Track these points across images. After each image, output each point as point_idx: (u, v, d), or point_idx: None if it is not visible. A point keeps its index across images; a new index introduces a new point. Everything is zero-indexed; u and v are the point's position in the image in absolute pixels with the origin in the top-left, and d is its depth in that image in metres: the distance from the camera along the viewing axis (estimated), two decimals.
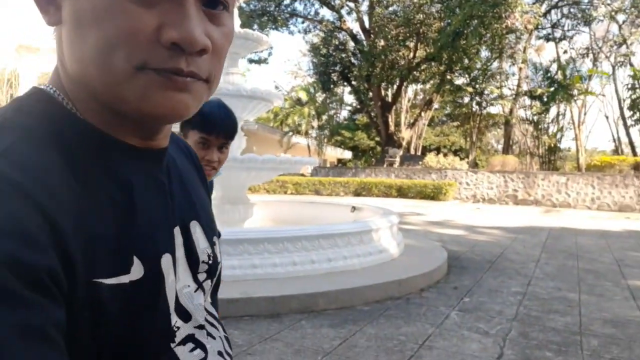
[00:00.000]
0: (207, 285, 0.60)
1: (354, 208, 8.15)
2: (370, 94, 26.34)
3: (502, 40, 20.20)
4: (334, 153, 36.22)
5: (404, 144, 26.72)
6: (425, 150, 31.53)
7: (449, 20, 19.99)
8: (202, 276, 0.58)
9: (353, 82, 26.83)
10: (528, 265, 6.45)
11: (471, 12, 18.42)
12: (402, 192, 18.27)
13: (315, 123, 27.09)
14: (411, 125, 28.29)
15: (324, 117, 28.03)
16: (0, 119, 0.43)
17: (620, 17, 22.72)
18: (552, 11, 24.42)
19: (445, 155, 24.83)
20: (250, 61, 27.05)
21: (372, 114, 27.76)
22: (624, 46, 23.21)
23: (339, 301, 4.31)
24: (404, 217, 12.16)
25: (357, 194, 18.80)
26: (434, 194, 17.77)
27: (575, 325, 3.97)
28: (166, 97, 0.43)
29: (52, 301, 0.35)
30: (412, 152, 29.01)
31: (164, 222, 0.52)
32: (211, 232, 0.62)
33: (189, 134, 1.55)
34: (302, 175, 21.37)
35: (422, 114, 28.02)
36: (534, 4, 21.56)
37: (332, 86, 27.19)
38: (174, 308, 0.51)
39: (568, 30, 24.88)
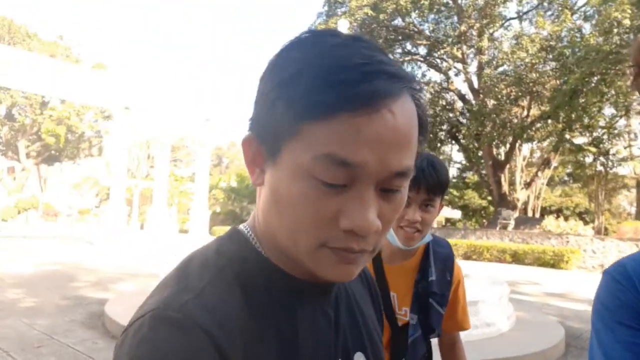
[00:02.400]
0: None
1: None
2: (480, 152, 25.60)
3: (627, 98, 18.70)
4: (441, 212, 35.30)
5: (519, 204, 25.23)
6: (545, 212, 29.37)
7: (566, 79, 19.08)
8: None
9: (462, 141, 26.37)
10: None
11: (590, 70, 17.45)
12: (517, 258, 17.09)
13: None
14: (527, 185, 26.72)
15: None
16: (204, 258, 0.56)
17: None
18: None
19: (566, 218, 22.88)
20: None
21: (483, 172, 26.82)
22: None
23: None
24: (518, 285, 11.34)
25: (466, 257, 17.97)
26: (554, 262, 16.36)
27: None
28: (337, 269, 0.51)
29: None
30: (530, 213, 27.17)
31: (327, 354, 0.57)
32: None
33: None
34: None
35: (540, 173, 26.41)
36: None
37: (439, 144, 26.96)
38: None
39: None
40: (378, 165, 0.47)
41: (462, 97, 25.91)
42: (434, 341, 1.49)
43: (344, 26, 7.21)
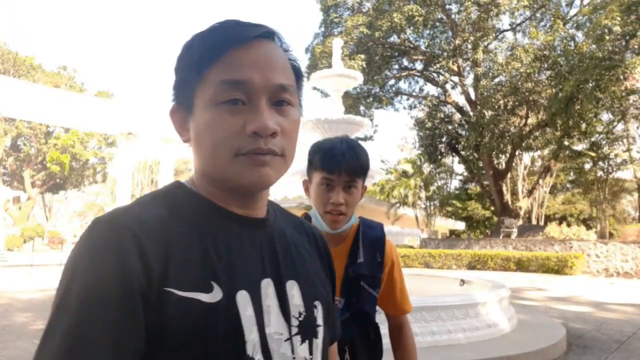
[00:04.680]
0: (297, 340, 0.69)
1: (463, 281, 7.91)
2: (481, 163, 25.74)
3: (622, 102, 18.89)
4: (444, 224, 35.16)
5: (521, 213, 25.25)
6: (549, 219, 29.34)
7: (561, 86, 19.32)
8: (294, 330, 0.69)
9: (462, 152, 26.53)
10: None
11: (584, 77, 17.69)
12: (521, 265, 17.09)
13: (422, 194, 26.90)
14: (529, 194, 26.77)
15: (432, 188, 27.74)
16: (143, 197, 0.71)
17: None
18: None
19: (569, 225, 22.86)
20: (357, 139, 28.24)
21: (485, 183, 26.92)
22: None
23: None
24: (523, 292, 11.38)
25: (471, 267, 17.97)
26: (558, 268, 16.35)
27: None
28: (254, 172, 0.66)
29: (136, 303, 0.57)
30: (534, 221, 27.14)
31: (250, 269, 0.68)
32: (311, 295, 0.74)
33: (313, 177, 1.39)
34: (411, 247, 21.05)
35: (541, 181, 26.48)
36: None
37: (439, 157, 27.13)
38: (261, 348, 0.64)
39: None
40: (262, 80, 0.66)
41: (460, 109, 26.16)
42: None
43: (338, 44, 7.46)
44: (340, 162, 1.32)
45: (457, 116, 26.54)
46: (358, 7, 25.33)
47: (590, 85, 18.25)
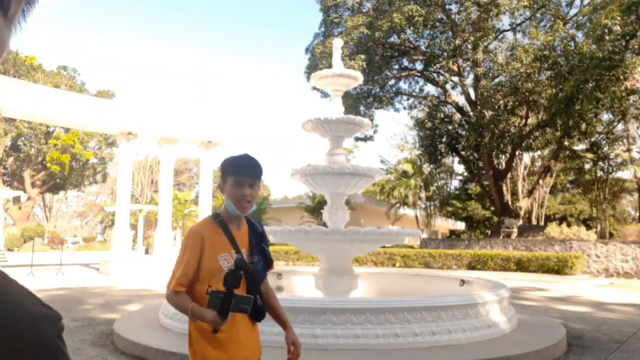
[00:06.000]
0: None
1: (463, 281, 7.92)
2: (481, 163, 25.74)
3: (622, 103, 18.88)
4: (445, 224, 35.17)
5: (522, 213, 25.26)
6: (549, 219, 29.34)
7: (561, 87, 19.32)
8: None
9: (462, 152, 26.54)
10: None
11: (584, 77, 17.68)
12: (521, 266, 17.10)
13: (423, 194, 26.91)
14: (529, 194, 26.78)
15: (432, 188, 27.74)
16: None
17: None
18: None
19: (569, 225, 22.86)
20: (357, 139, 28.32)
21: (485, 183, 26.93)
22: None
23: None
24: (523, 292, 11.38)
25: (470, 267, 17.97)
26: (558, 268, 16.35)
27: None
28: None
29: None
30: (534, 222, 27.16)
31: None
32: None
33: (227, 180, 2.04)
34: (411, 247, 21.05)
35: (541, 181, 26.48)
36: None
37: (439, 157, 27.14)
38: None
39: None
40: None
41: (460, 110, 26.16)
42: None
43: (338, 44, 7.45)
44: (247, 168, 2.06)
45: (457, 116, 26.54)
46: (358, 8, 25.33)
47: (591, 85, 18.25)
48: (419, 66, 27.09)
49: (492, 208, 28.97)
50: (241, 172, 2.01)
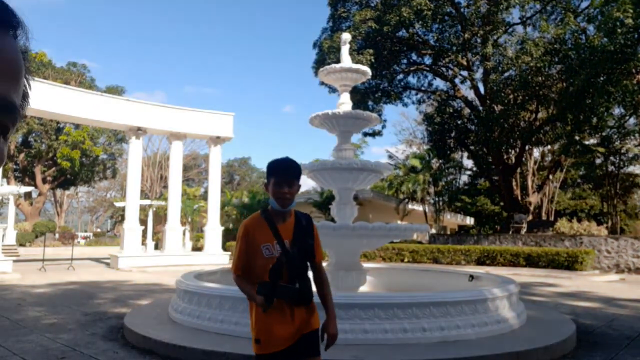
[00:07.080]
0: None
1: (472, 277, 7.89)
2: (490, 158, 25.57)
3: (634, 96, 18.61)
4: (454, 219, 35.01)
5: (531, 208, 25.07)
6: (559, 215, 29.09)
7: (572, 80, 19.08)
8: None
9: (471, 147, 26.37)
10: None
11: (595, 71, 17.45)
12: (531, 261, 16.99)
13: (431, 189, 26.79)
14: (539, 189, 26.56)
15: (441, 183, 27.60)
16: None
17: None
18: None
19: (579, 220, 22.66)
20: (365, 134, 28.24)
21: (494, 178, 26.75)
22: None
23: None
24: (532, 287, 11.32)
25: (479, 262, 17.89)
26: (568, 263, 16.23)
27: None
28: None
29: None
30: (544, 217, 26.95)
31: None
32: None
33: (270, 181, 2.34)
34: (420, 242, 21.00)
35: (551, 176, 26.25)
36: None
37: (448, 152, 26.97)
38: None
39: None
40: None
41: (469, 104, 25.97)
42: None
43: (346, 38, 7.41)
44: (285, 170, 2.36)
45: (467, 111, 26.35)
46: (366, 2, 25.17)
47: (602, 79, 18.02)
48: (427, 60, 26.91)
49: (502, 203, 28.79)
50: (280, 173, 2.33)
